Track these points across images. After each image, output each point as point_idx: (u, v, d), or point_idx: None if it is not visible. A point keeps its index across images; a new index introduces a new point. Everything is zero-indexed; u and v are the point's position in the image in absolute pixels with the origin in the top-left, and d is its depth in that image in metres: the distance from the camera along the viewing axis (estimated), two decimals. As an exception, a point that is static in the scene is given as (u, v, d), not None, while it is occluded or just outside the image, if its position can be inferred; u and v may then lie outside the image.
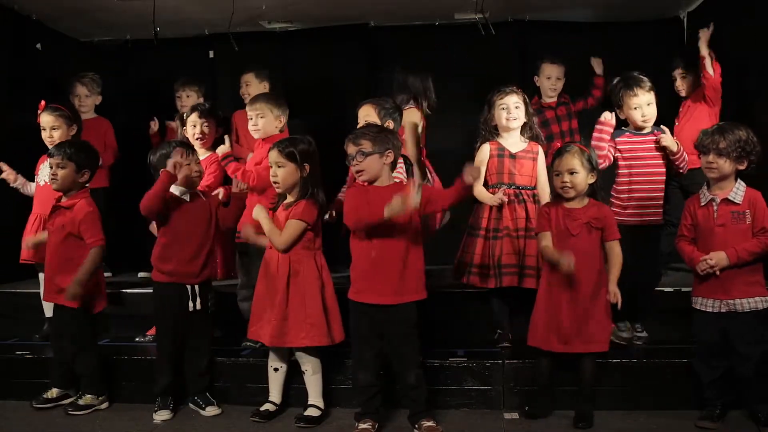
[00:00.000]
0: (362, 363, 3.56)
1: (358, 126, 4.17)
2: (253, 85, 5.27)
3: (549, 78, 5.17)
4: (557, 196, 3.65)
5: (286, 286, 3.58)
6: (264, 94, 4.52)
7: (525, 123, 4.18)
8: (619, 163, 4.10)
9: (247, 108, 4.34)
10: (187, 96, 5.34)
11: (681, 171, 4.13)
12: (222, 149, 4.27)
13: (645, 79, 4.08)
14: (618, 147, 4.08)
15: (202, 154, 4.38)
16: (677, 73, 4.96)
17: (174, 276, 3.78)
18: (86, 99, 5.21)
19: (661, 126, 4.10)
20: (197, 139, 4.47)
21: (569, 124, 5.21)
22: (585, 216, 3.54)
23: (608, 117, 4.07)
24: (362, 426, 3.46)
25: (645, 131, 4.09)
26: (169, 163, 3.71)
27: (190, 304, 3.79)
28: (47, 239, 3.96)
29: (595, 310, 3.51)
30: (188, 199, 3.83)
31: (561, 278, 3.51)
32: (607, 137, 4.06)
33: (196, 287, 3.81)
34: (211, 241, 3.88)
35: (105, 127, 5.26)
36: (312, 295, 3.60)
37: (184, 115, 4.61)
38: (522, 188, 4.12)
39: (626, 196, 4.05)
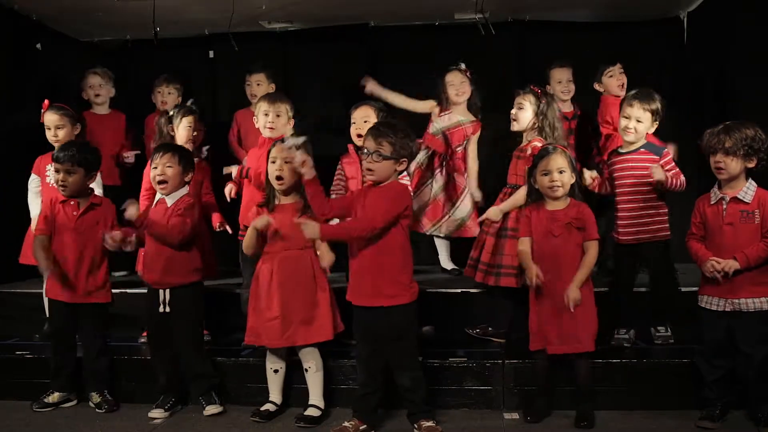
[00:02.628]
0: (359, 363, 3.60)
1: (354, 127, 4.18)
2: (263, 86, 5.29)
3: (560, 82, 5.10)
4: (538, 197, 3.64)
5: (314, 283, 3.63)
6: (283, 95, 4.46)
7: (535, 124, 4.11)
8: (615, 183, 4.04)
9: (266, 104, 4.25)
10: (169, 93, 5.35)
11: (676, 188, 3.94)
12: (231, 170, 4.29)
13: (653, 96, 3.99)
14: (610, 167, 4.05)
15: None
16: (617, 68, 4.98)
17: (146, 280, 3.86)
18: (101, 89, 5.20)
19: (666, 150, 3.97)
20: (190, 141, 4.38)
21: (575, 138, 5.16)
22: (566, 216, 3.54)
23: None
24: (344, 424, 3.47)
25: (633, 148, 3.99)
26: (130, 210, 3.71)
27: (161, 306, 3.80)
28: (63, 239, 3.87)
29: (578, 310, 3.50)
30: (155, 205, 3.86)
31: (548, 281, 3.52)
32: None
33: (166, 292, 3.79)
34: (175, 252, 3.78)
35: (122, 122, 5.31)
36: (328, 286, 3.69)
37: (175, 114, 4.48)
38: (510, 186, 4.14)
39: (623, 214, 3.98)
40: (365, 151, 3.42)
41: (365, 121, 4.10)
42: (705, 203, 3.55)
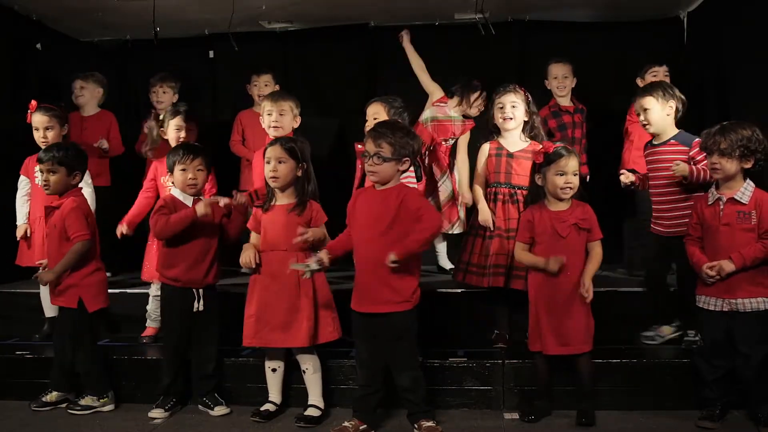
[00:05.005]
0: (359, 364, 3.59)
1: (366, 125, 4.16)
2: (270, 86, 5.29)
3: (556, 78, 5.18)
4: (538, 198, 3.65)
5: (312, 286, 3.62)
6: (286, 93, 4.44)
7: (526, 122, 4.15)
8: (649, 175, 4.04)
9: (270, 104, 4.23)
10: (164, 92, 5.36)
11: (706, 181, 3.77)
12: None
13: (653, 84, 4.05)
14: (647, 160, 4.06)
15: None
16: (663, 69, 4.98)
17: (178, 282, 3.81)
18: (82, 91, 5.16)
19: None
20: (179, 142, 4.31)
21: (582, 134, 5.18)
22: (572, 217, 3.54)
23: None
24: (344, 424, 3.48)
25: (664, 139, 3.96)
26: (200, 207, 3.70)
27: (195, 304, 3.80)
28: (46, 242, 3.96)
29: (581, 310, 3.52)
30: (190, 205, 3.82)
31: (547, 281, 3.53)
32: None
33: (201, 290, 3.82)
34: (216, 247, 3.86)
35: (110, 120, 5.26)
36: (329, 290, 3.70)
37: (162, 116, 4.49)
38: (518, 188, 4.11)
39: (656, 207, 4.00)
40: (365, 153, 3.41)
41: (375, 118, 4.09)
42: (703, 204, 3.55)
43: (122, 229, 4.26)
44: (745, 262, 3.36)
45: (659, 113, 3.94)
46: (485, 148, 4.21)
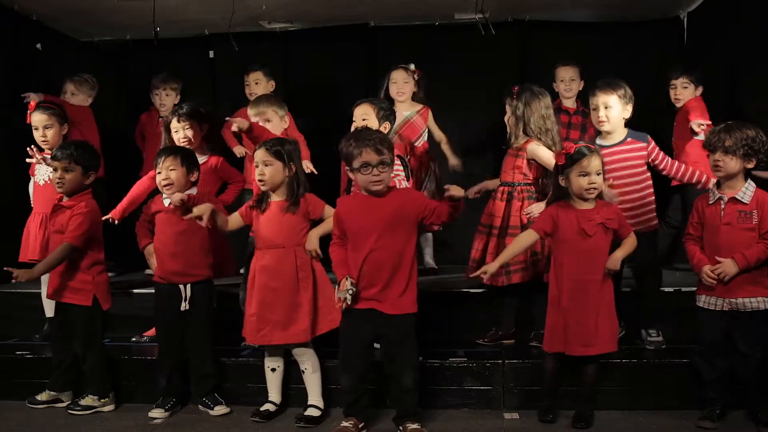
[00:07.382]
0: (346, 368, 3.53)
1: (354, 125, 4.16)
2: (262, 84, 5.23)
3: (563, 81, 5.18)
4: (561, 197, 3.61)
5: (313, 278, 3.62)
6: (266, 96, 4.39)
7: (520, 123, 4.11)
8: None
9: (250, 111, 4.21)
10: (167, 95, 5.36)
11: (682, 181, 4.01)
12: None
13: (614, 81, 3.94)
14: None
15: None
16: (680, 82, 4.87)
17: (163, 279, 3.83)
18: (72, 98, 5.13)
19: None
20: (184, 143, 4.25)
21: (580, 136, 5.14)
22: (599, 216, 3.51)
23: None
24: (344, 424, 3.46)
25: (618, 140, 3.95)
26: (150, 261, 3.96)
27: (182, 304, 3.80)
28: (49, 239, 3.94)
29: (606, 310, 3.51)
30: (166, 205, 3.83)
31: (573, 282, 3.50)
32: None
33: (188, 288, 3.80)
34: (199, 240, 3.83)
35: (88, 115, 5.18)
36: (328, 280, 3.68)
37: (167, 121, 4.39)
38: (506, 184, 4.13)
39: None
40: (366, 163, 3.37)
41: (363, 119, 4.10)
42: (704, 203, 3.55)
43: (110, 216, 4.15)
44: (749, 263, 3.35)
45: (619, 114, 3.93)
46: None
